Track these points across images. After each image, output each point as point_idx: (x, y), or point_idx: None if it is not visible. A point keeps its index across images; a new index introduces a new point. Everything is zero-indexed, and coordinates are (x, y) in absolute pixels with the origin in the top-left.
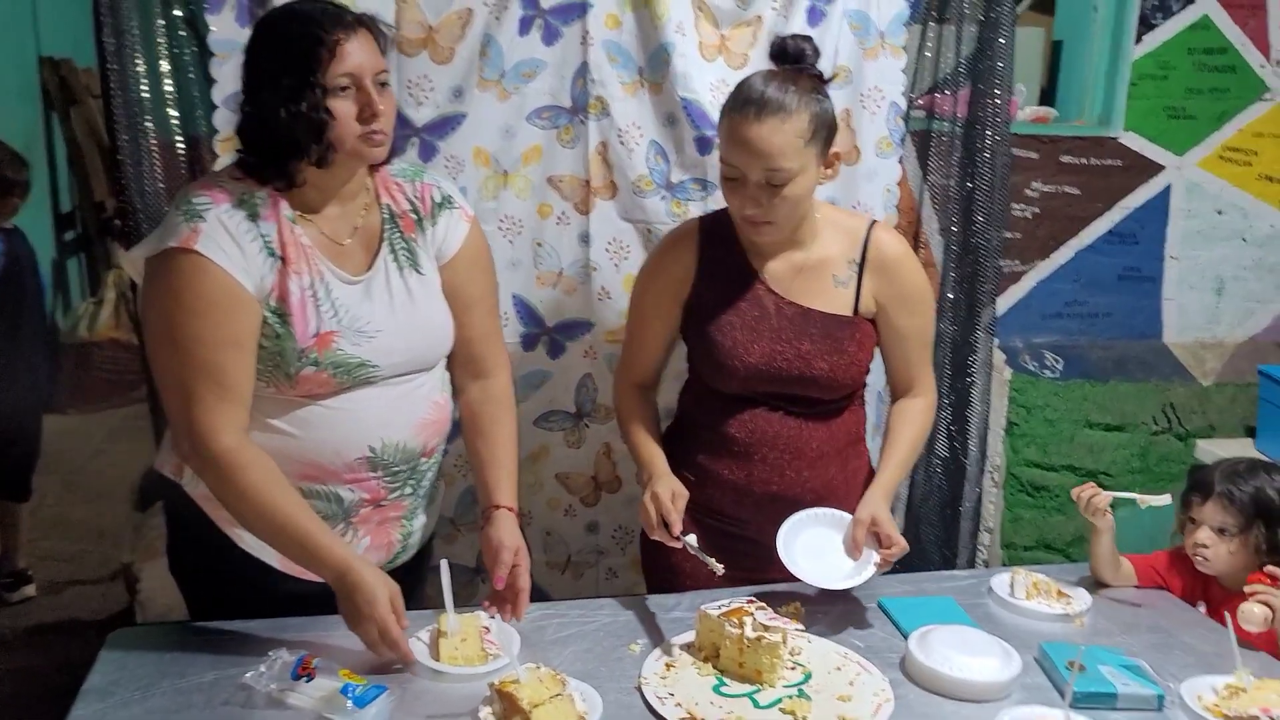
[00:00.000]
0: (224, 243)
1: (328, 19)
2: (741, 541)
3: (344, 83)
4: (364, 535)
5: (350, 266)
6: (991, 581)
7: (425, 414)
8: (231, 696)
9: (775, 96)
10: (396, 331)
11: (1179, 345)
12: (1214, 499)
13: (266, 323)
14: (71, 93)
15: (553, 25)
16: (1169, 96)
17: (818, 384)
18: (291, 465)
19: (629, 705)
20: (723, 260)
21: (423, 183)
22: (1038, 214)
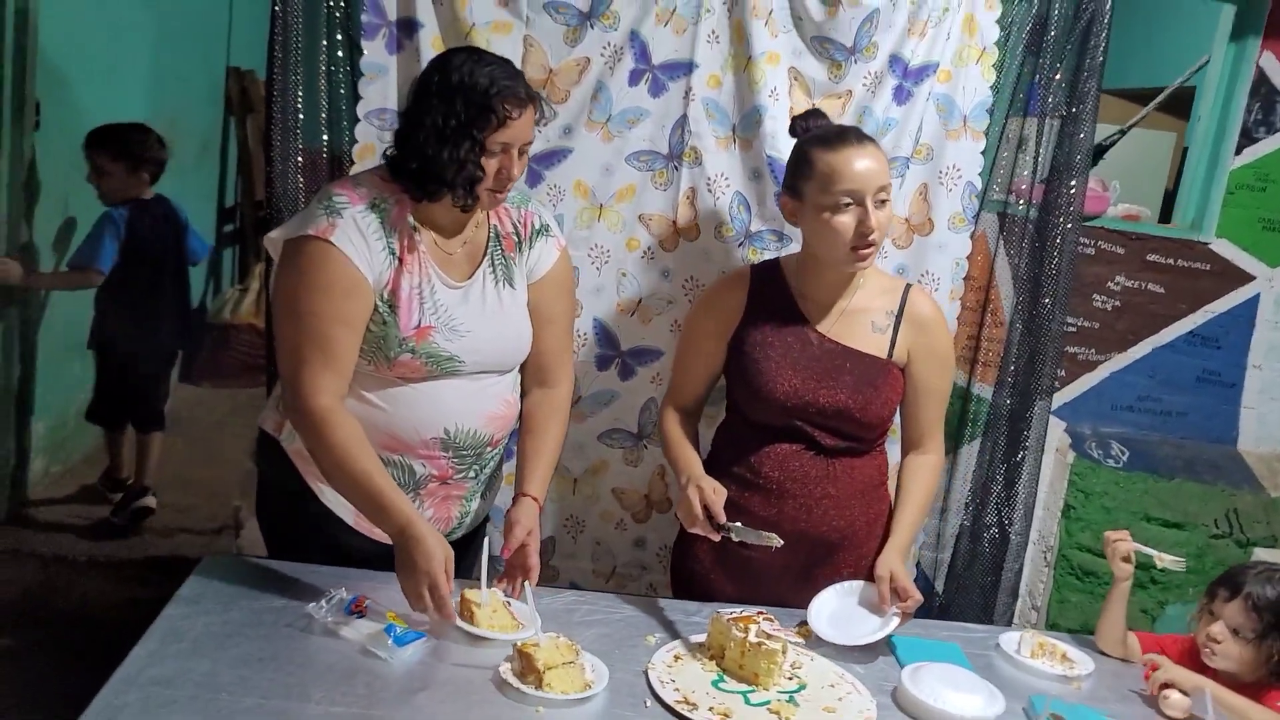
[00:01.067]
0: (354, 238)
1: (509, 91)
2: (767, 576)
3: (497, 148)
4: (429, 507)
5: (455, 273)
6: (1000, 638)
7: (495, 409)
8: (294, 621)
9: (859, 130)
10: (484, 334)
11: (1253, 454)
12: (1239, 599)
13: (377, 310)
14: (250, 101)
15: (660, 79)
16: (1265, 208)
17: (850, 418)
18: (377, 435)
19: (633, 684)
20: (772, 300)
21: (527, 210)
22: (1118, 307)
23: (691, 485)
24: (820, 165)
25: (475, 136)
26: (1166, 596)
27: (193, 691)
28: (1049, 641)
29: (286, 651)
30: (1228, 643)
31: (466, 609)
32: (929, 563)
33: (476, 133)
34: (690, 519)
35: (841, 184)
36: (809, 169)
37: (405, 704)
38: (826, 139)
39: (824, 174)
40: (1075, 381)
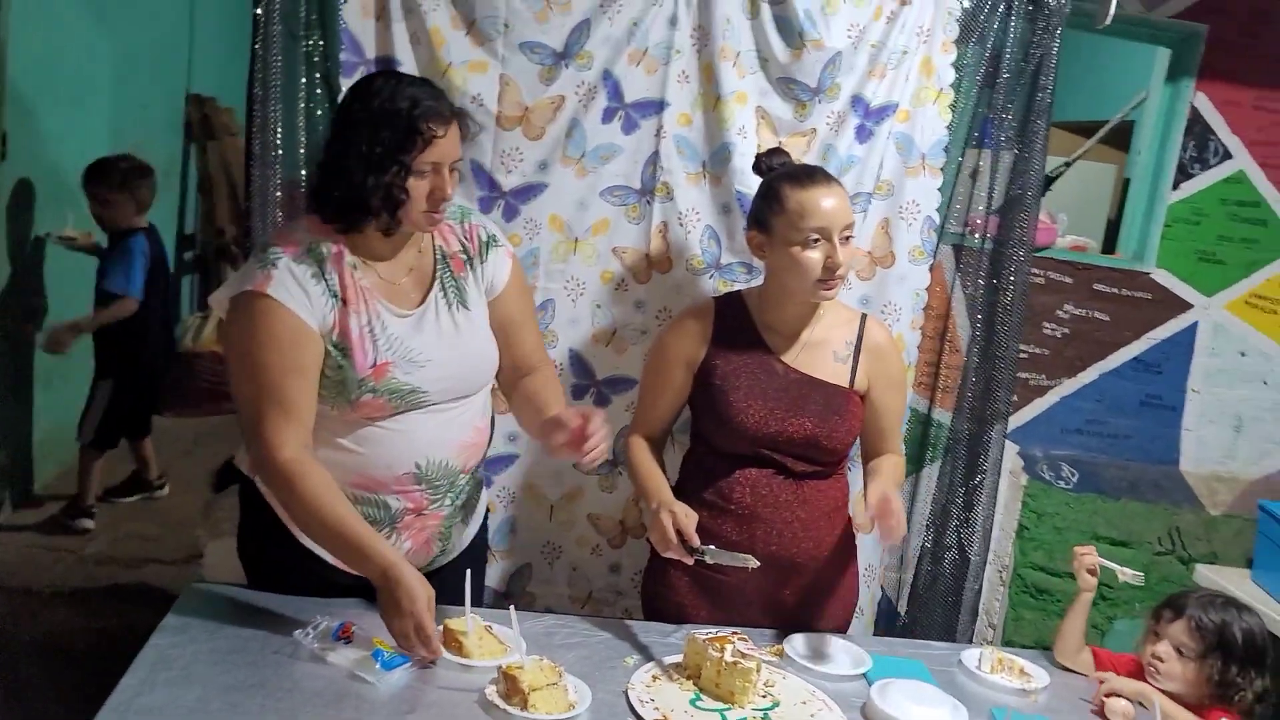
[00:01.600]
0: (291, 287)
1: (429, 110)
2: (739, 599)
3: (426, 168)
4: (406, 539)
5: (404, 302)
6: (962, 655)
7: (466, 437)
8: (281, 648)
9: (825, 171)
10: (444, 360)
11: (1193, 474)
12: (1183, 619)
13: (329, 355)
14: (211, 128)
15: (633, 117)
16: (1201, 241)
17: (817, 445)
18: (349, 475)
19: (614, 704)
20: (736, 332)
21: (471, 223)
22: (1067, 334)
23: (663, 509)
24: (791, 202)
25: (401, 160)
26: (1115, 612)
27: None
28: (1007, 657)
29: (275, 678)
30: (1171, 661)
31: (452, 639)
32: (892, 584)
33: (403, 156)
34: (663, 543)
35: (811, 221)
36: (779, 205)
37: None
38: (797, 177)
39: (794, 211)
40: (1027, 406)
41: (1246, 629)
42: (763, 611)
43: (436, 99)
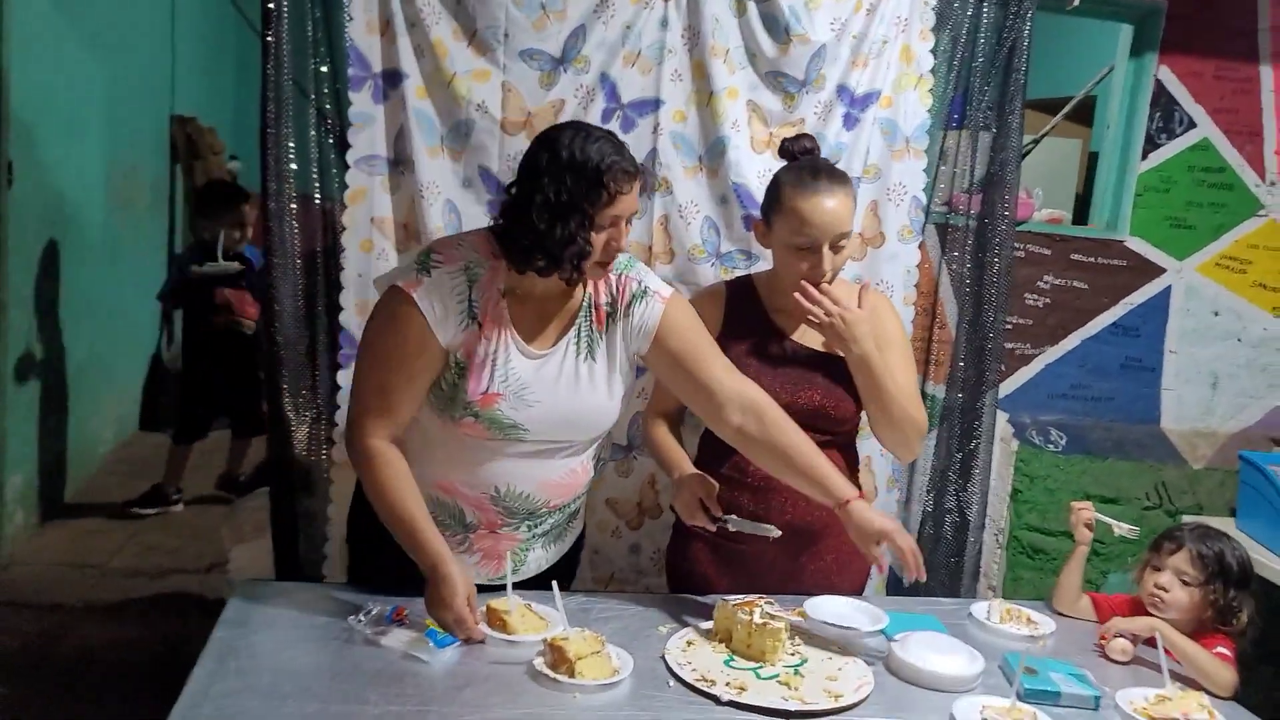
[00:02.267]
0: (434, 298)
1: (619, 169)
2: (758, 568)
3: (608, 222)
4: (477, 550)
5: (539, 340)
6: (972, 608)
7: (556, 477)
8: (338, 634)
9: (831, 177)
10: (553, 407)
11: (1175, 432)
12: (1185, 550)
13: (449, 368)
14: (196, 148)
15: (630, 117)
16: (1170, 208)
17: (826, 415)
18: (433, 474)
19: (654, 669)
20: (747, 315)
21: (627, 275)
22: (1049, 304)
23: (687, 480)
24: (788, 206)
25: (586, 212)
26: (1108, 566)
27: (260, 701)
28: (1014, 607)
29: (337, 662)
30: (1175, 590)
31: (496, 618)
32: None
33: (588, 208)
34: (688, 512)
35: (804, 229)
36: (779, 205)
37: (454, 700)
38: (800, 182)
39: (790, 216)
40: (1014, 374)
41: (1239, 555)
42: (782, 579)
43: (620, 153)
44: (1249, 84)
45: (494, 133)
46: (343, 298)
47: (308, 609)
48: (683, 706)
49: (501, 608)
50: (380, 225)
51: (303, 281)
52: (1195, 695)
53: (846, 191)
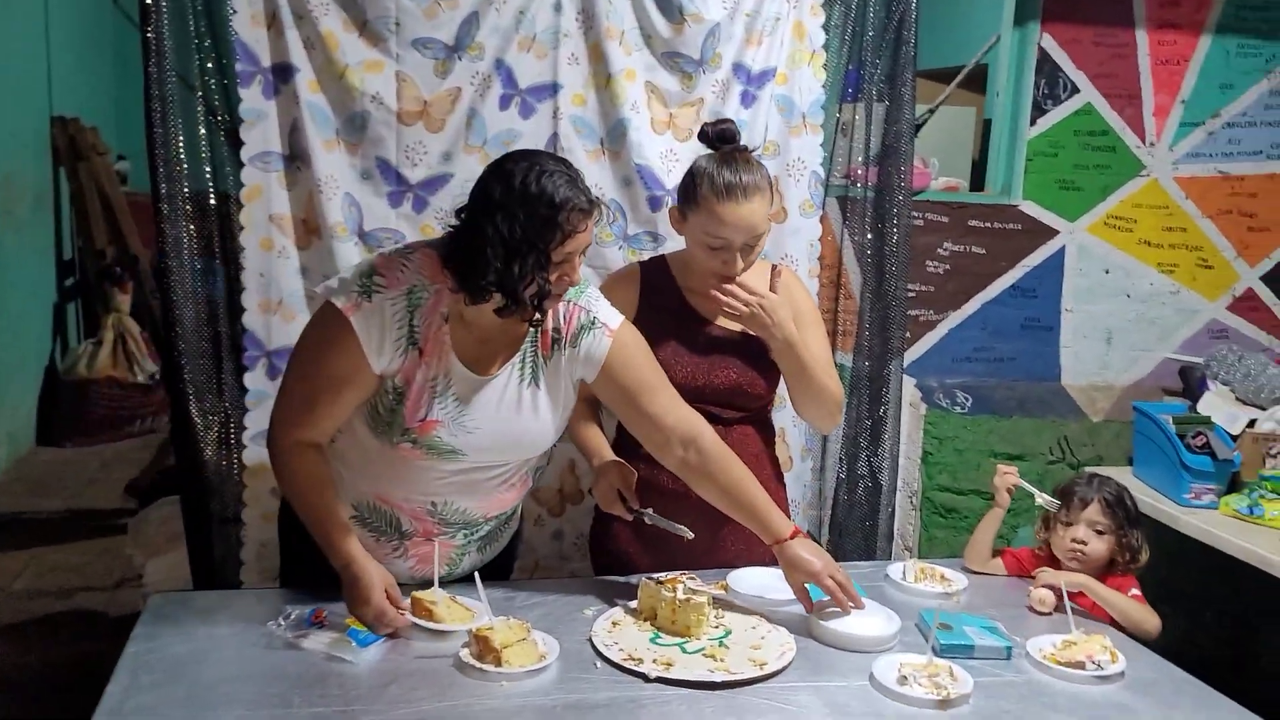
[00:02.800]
0: (373, 326)
1: (575, 207)
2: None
3: (563, 259)
4: (412, 555)
5: (482, 365)
6: (888, 569)
7: (493, 492)
8: (255, 641)
9: (750, 180)
10: (493, 432)
11: (1074, 387)
12: (1095, 502)
13: (386, 394)
14: (78, 149)
15: (529, 102)
16: (1059, 171)
17: (740, 392)
18: (368, 487)
19: (581, 651)
20: (662, 296)
21: (575, 304)
22: (949, 270)
23: (606, 468)
24: (704, 206)
25: (542, 250)
26: (1019, 521)
27: (178, 713)
28: (928, 566)
29: (256, 668)
30: (1093, 542)
31: (422, 608)
32: (813, 520)
33: (543, 245)
34: (606, 501)
35: (717, 232)
36: (694, 202)
37: (379, 698)
38: (717, 183)
39: (706, 216)
40: (920, 341)
41: (1130, 495)
42: (704, 553)
43: (577, 188)
44: (1126, 49)
45: (390, 124)
46: (245, 298)
47: (224, 617)
48: (611, 686)
49: (427, 598)
50: (279, 222)
51: (201, 282)
52: (1098, 638)
53: (763, 193)
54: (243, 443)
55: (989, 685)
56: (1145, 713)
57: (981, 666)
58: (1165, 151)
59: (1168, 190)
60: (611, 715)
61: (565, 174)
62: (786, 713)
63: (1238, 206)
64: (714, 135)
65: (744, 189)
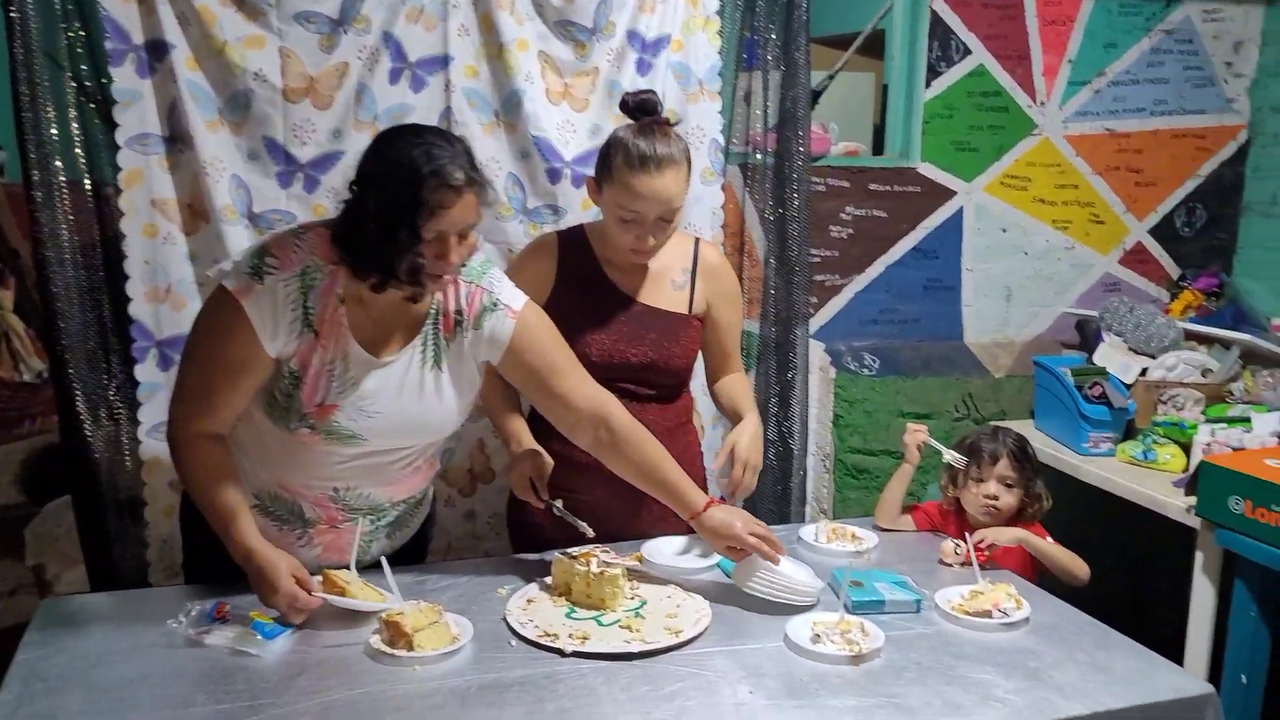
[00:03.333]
0: (265, 308)
1: (440, 184)
2: (593, 515)
3: (433, 236)
4: (317, 543)
5: (382, 348)
6: (800, 531)
7: (398, 476)
8: (155, 641)
9: (666, 152)
10: (395, 416)
11: (976, 345)
12: (1004, 458)
13: (282, 378)
14: None
15: (419, 75)
16: (955, 133)
17: (657, 369)
18: (269, 475)
19: (496, 631)
20: (580, 268)
21: (477, 285)
22: (852, 235)
23: (521, 457)
24: (619, 179)
25: (409, 224)
26: (928, 479)
27: None
28: (839, 526)
29: (157, 669)
30: (1004, 495)
31: (335, 585)
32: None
33: (410, 221)
34: (519, 488)
35: (629, 204)
36: (610, 175)
37: (288, 689)
38: (633, 156)
39: (620, 188)
40: (826, 305)
41: (1030, 445)
42: (621, 527)
43: (450, 163)
44: (1014, 9)
45: (276, 101)
46: (129, 287)
47: (120, 619)
48: (526, 664)
49: (340, 577)
50: (162, 207)
51: (83, 273)
52: (1004, 587)
53: (679, 167)
54: (137, 438)
55: (900, 639)
56: (1048, 655)
57: (893, 621)
58: (1055, 110)
59: (1059, 148)
60: (527, 692)
61: (443, 147)
62: (702, 678)
63: (1125, 163)
64: (634, 105)
65: (658, 161)
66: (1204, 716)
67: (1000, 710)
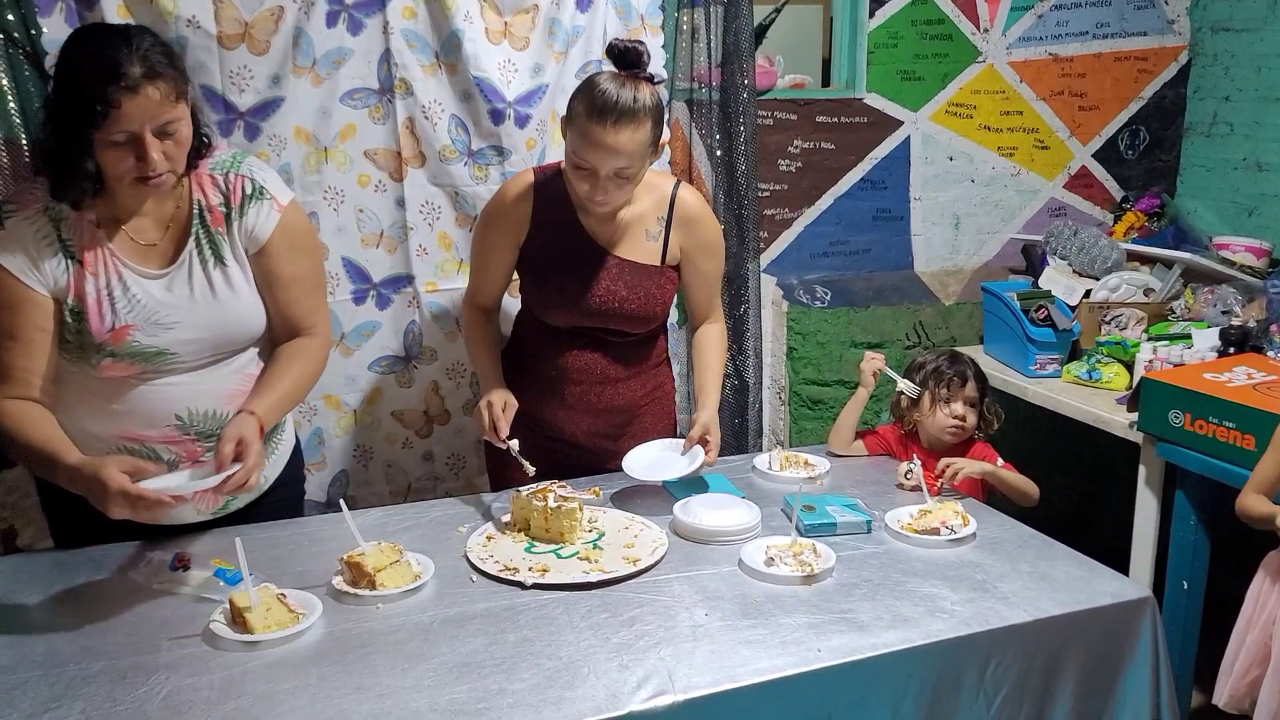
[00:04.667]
0: (16, 250)
1: (112, 77)
2: (561, 445)
3: (120, 138)
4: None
5: (155, 261)
6: (754, 460)
7: (235, 386)
8: (116, 591)
9: (628, 106)
10: (197, 322)
11: (926, 273)
12: (970, 380)
13: (67, 321)
14: None
15: (356, 18)
16: (900, 62)
17: (629, 319)
18: (109, 429)
19: (457, 568)
20: (554, 213)
21: (237, 174)
22: (800, 168)
23: (484, 401)
24: (578, 125)
25: (84, 133)
26: (882, 406)
27: (39, 671)
28: (792, 454)
29: (121, 617)
30: (969, 415)
31: (238, 615)
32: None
33: (86, 129)
34: (482, 429)
35: (583, 153)
36: (571, 119)
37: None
38: (593, 105)
39: (577, 134)
40: (777, 239)
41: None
42: (598, 458)
43: (122, 62)
44: None
45: (211, 49)
46: None
47: (80, 572)
48: (488, 597)
49: (242, 603)
50: None
51: None
52: (951, 504)
53: (640, 124)
54: None
55: (851, 558)
56: (993, 567)
57: (844, 542)
58: (999, 37)
59: (1003, 75)
60: (489, 624)
61: (119, 45)
62: (659, 603)
63: (1069, 87)
64: (618, 52)
65: (618, 114)
66: (1142, 619)
67: (947, 620)
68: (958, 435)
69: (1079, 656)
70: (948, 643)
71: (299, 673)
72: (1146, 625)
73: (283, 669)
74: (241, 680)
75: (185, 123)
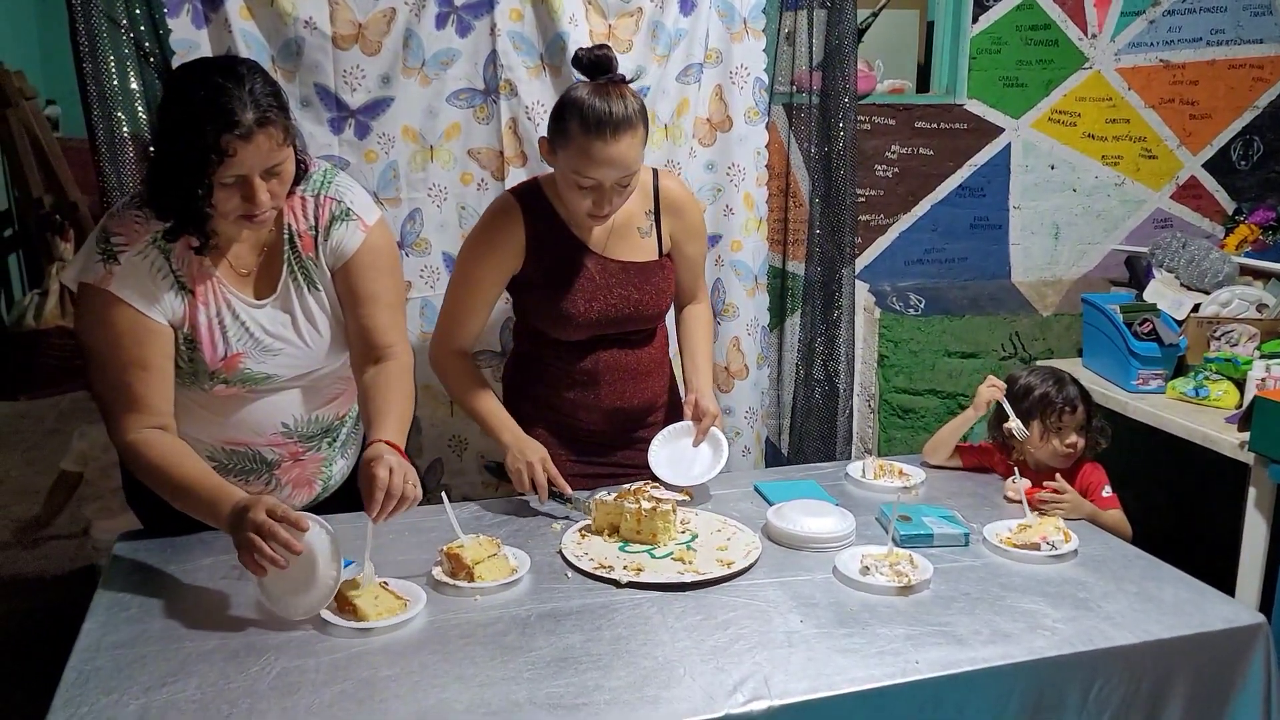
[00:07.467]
0: (134, 283)
1: (227, 126)
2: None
3: (231, 180)
4: (286, 483)
5: (258, 291)
6: (848, 468)
7: (333, 391)
8: (227, 574)
9: (621, 114)
10: (299, 347)
11: (1024, 283)
12: (1083, 405)
13: (180, 347)
14: (6, 95)
15: (465, 19)
16: (1003, 68)
17: (640, 317)
18: (217, 436)
19: (552, 563)
20: (548, 233)
21: (326, 195)
22: (897, 173)
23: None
24: (574, 144)
25: (198, 175)
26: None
27: (156, 646)
28: (886, 463)
29: (231, 600)
30: (1080, 440)
31: (346, 603)
32: (774, 430)
33: (199, 172)
34: (518, 481)
35: (588, 171)
36: (565, 139)
37: None
38: (586, 122)
39: (575, 153)
40: (871, 246)
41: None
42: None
43: (237, 107)
44: None
45: (326, 49)
46: None
47: (189, 556)
48: (583, 594)
49: (351, 593)
50: None
51: None
52: (1052, 520)
53: (636, 130)
54: None
55: (948, 571)
56: (1096, 586)
57: (941, 554)
58: (1107, 43)
59: (1110, 82)
60: (584, 620)
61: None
62: (754, 607)
63: (1179, 95)
64: (588, 62)
65: (615, 125)
66: (1255, 646)
67: (1049, 638)
68: (1068, 461)
69: (1187, 682)
70: (1050, 661)
71: (402, 659)
72: (1259, 653)
73: (386, 655)
74: (347, 664)
75: (290, 161)
